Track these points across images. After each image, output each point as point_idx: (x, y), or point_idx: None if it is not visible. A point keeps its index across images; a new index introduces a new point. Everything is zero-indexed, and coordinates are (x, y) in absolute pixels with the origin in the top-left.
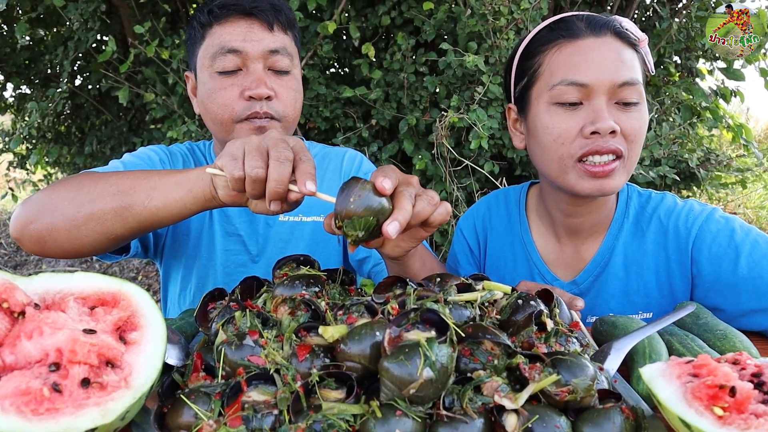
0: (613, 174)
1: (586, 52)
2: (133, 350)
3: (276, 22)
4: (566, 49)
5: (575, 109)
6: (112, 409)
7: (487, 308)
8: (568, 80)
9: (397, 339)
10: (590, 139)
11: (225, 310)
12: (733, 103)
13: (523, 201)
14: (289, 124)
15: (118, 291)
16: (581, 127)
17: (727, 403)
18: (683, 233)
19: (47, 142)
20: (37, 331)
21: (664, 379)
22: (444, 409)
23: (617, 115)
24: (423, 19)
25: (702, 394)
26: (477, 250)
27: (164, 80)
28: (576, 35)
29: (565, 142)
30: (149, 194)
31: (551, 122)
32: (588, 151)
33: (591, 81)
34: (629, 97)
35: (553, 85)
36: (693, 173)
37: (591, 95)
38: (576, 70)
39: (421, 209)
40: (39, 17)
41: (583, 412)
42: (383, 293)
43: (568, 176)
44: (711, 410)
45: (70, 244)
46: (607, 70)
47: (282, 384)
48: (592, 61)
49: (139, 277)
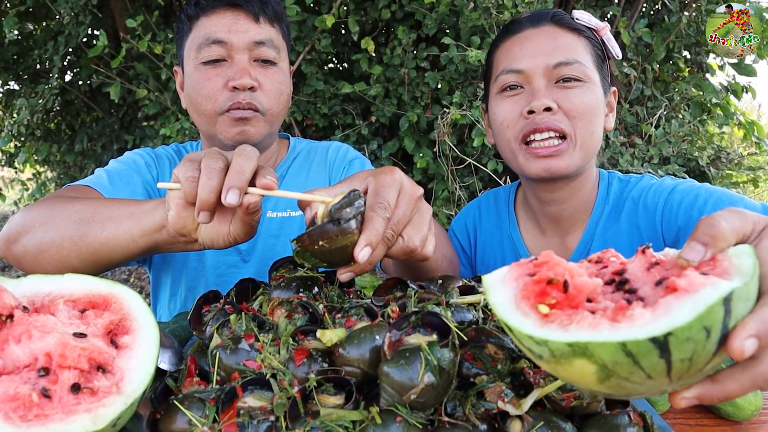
0: (561, 154)
1: (522, 42)
2: (125, 354)
3: (262, 14)
4: (508, 42)
5: (516, 94)
6: (104, 415)
7: (490, 311)
8: (507, 68)
9: (398, 343)
10: (529, 118)
11: (220, 313)
12: (744, 100)
13: (512, 198)
14: (273, 119)
15: (110, 293)
16: (522, 108)
17: (554, 299)
18: (651, 207)
19: (36, 140)
20: (25, 334)
21: (502, 284)
22: (446, 415)
23: (556, 93)
24: (424, 12)
25: (530, 292)
26: (469, 249)
27: (157, 76)
28: (517, 30)
29: (510, 125)
30: (104, 225)
31: (497, 108)
32: (528, 131)
33: (526, 66)
34: (567, 74)
35: (496, 76)
36: (703, 172)
37: (529, 79)
38: (513, 59)
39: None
40: (28, 11)
41: (589, 418)
42: (383, 296)
43: (517, 160)
44: (536, 309)
45: (37, 270)
46: (542, 53)
47: (278, 389)
48: (527, 48)
49: (131, 279)
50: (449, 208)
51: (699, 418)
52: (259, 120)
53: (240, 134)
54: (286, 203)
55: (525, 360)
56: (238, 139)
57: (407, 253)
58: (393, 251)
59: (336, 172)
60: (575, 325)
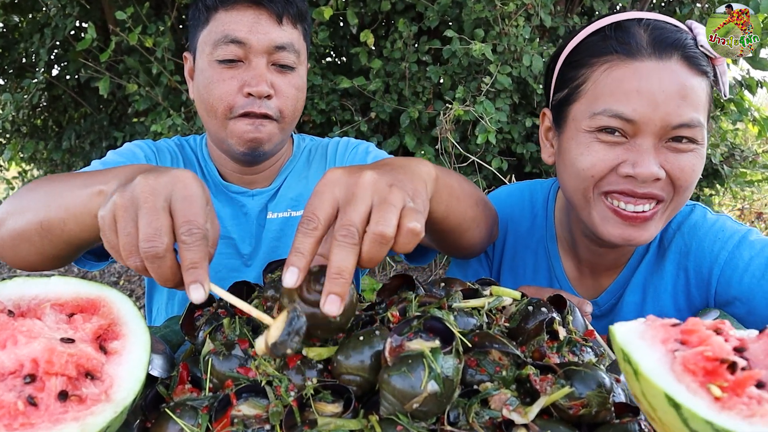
0: (647, 223)
1: (640, 79)
2: (115, 361)
3: (286, 14)
4: (618, 70)
5: (616, 142)
6: (92, 423)
7: (495, 315)
8: (613, 111)
9: (399, 349)
10: (626, 179)
11: (212, 318)
12: (759, 95)
13: (552, 204)
14: (287, 125)
15: (98, 297)
16: (618, 163)
17: (726, 382)
18: (708, 255)
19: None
20: (11, 339)
21: (644, 343)
22: (449, 424)
23: (666, 155)
24: (426, 4)
25: (697, 368)
26: (491, 251)
27: (148, 70)
28: (634, 54)
29: (596, 175)
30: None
31: (586, 151)
32: (619, 192)
33: (640, 117)
34: (685, 137)
35: (594, 113)
36: (716, 170)
37: (638, 132)
38: (625, 101)
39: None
40: (13, 2)
41: (598, 427)
42: (387, 296)
43: (591, 213)
44: (707, 389)
45: (15, 261)
46: (663, 105)
47: (274, 397)
48: (646, 93)
49: (120, 281)
50: None
51: None
52: (273, 127)
53: (252, 142)
54: (286, 203)
55: (530, 366)
56: (250, 146)
57: (382, 243)
58: (367, 249)
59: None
60: (760, 419)
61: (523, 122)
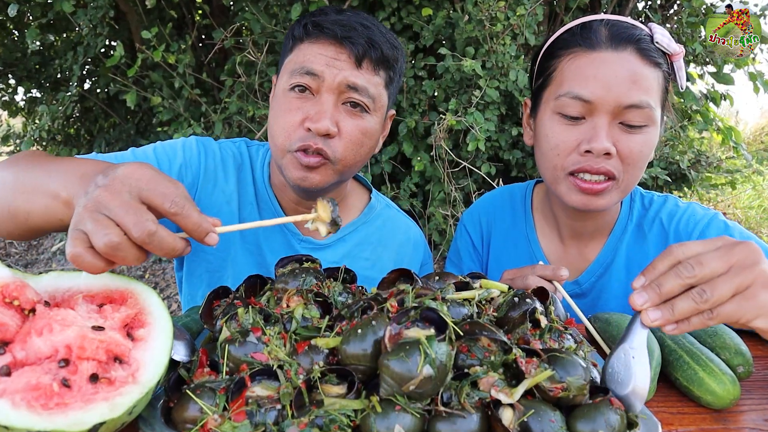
0: (603, 193)
1: (597, 66)
2: (141, 347)
3: (367, 58)
4: (580, 59)
5: (576, 123)
6: (120, 403)
7: (484, 306)
8: (573, 93)
9: (398, 336)
10: (584, 156)
11: (229, 308)
12: (722, 107)
13: (529, 200)
14: (345, 169)
15: (126, 289)
16: (579, 142)
17: None
18: (684, 235)
19: (57, 144)
20: (47, 328)
21: None
22: (442, 404)
23: (618, 135)
24: (422, 24)
25: None
26: (480, 247)
27: (170, 84)
28: (593, 46)
29: (561, 154)
30: (28, 196)
31: (551, 131)
32: (579, 168)
33: (595, 98)
34: (634, 119)
35: (559, 95)
36: (684, 174)
37: (594, 112)
38: (583, 84)
39: None
40: (49, 23)
41: (575, 408)
42: (386, 289)
43: (559, 186)
44: None
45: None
46: (616, 88)
47: (285, 380)
48: (601, 77)
49: (146, 275)
50: (445, 208)
51: (680, 406)
52: (328, 168)
53: (303, 180)
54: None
55: (518, 349)
56: (300, 184)
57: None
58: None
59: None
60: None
61: (509, 131)
